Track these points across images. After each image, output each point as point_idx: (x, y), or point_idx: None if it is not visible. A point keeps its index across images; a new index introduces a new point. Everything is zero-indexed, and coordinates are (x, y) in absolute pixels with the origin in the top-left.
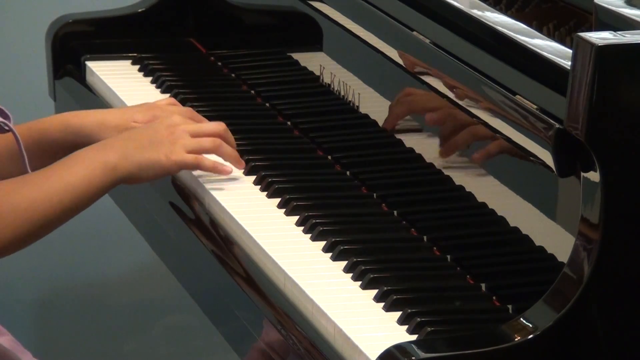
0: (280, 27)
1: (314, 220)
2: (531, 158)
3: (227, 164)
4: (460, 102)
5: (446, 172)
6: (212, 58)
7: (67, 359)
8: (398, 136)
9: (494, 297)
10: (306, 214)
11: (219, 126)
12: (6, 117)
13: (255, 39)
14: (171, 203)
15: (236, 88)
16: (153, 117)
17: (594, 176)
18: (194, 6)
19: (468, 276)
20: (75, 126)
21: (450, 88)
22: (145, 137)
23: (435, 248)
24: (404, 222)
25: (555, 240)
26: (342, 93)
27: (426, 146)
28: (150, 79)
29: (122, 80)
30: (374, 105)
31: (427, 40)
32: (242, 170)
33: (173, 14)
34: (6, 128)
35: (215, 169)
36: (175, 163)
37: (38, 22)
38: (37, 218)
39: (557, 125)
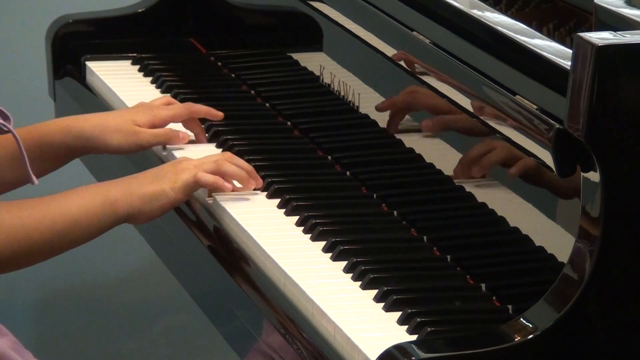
0: (280, 27)
1: (314, 220)
2: (531, 158)
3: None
4: (460, 103)
5: (446, 172)
6: (212, 58)
7: (67, 359)
8: (398, 136)
9: (494, 297)
10: (306, 214)
11: (222, 154)
12: (6, 118)
13: (255, 39)
14: None
15: (236, 88)
16: (153, 117)
17: (594, 176)
18: (194, 6)
19: (468, 276)
20: (76, 129)
21: (450, 88)
22: (150, 173)
23: (435, 248)
24: (404, 222)
25: (555, 240)
26: (342, 93)
27: (426, 146)
28: (150, 79)
29: (122, 80)
30: (374, 105)
31: (427, 40)
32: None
33: (173, 14)
34: (5, 129)
35: (215, 184)
36: (179, 189)
37: (38, 22)
38: (22, 237)
39: (557, 125)
